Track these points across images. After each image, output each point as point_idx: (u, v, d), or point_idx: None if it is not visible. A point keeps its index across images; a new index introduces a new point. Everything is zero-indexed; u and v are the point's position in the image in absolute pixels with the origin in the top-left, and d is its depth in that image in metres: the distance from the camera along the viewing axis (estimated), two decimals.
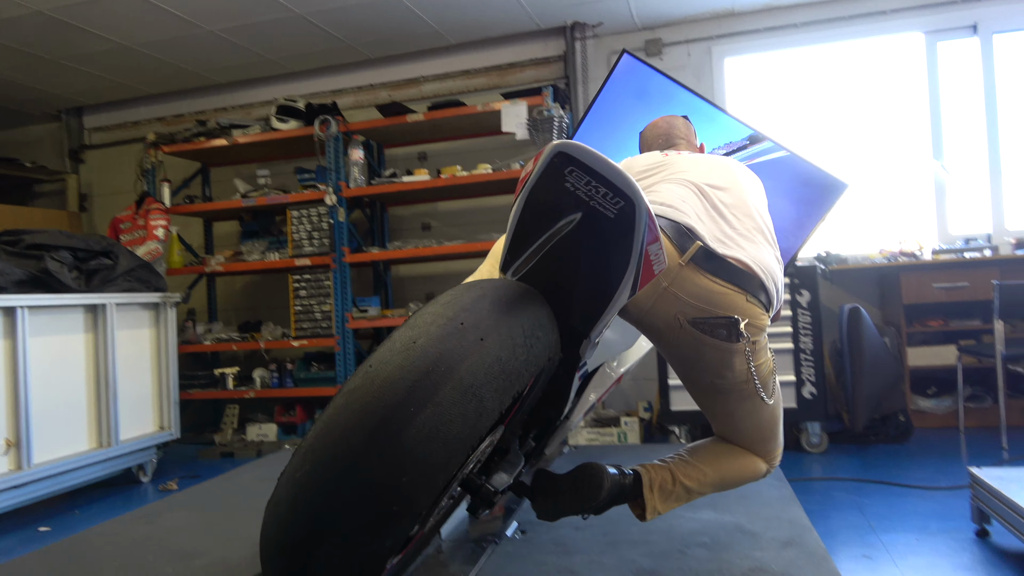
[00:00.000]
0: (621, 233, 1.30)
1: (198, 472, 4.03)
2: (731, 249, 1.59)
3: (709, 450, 1.78)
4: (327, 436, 1.06)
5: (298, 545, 1.04)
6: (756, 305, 1.58)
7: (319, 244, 4.67)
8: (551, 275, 1.38)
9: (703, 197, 1.71)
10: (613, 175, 1.27)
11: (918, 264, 4.15)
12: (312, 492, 1.03)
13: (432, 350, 1.10)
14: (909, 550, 2.31)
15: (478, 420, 1.10)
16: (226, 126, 4.94)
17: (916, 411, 4.14)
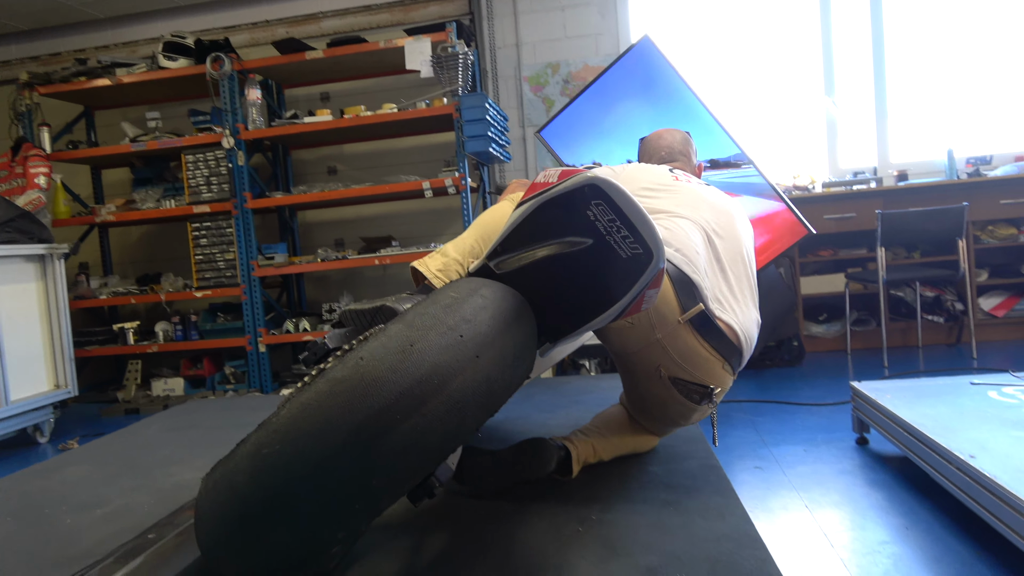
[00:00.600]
0: (627, 274, 1.29)
1: (101, 430, 3.88)
2: (725, 312, 1.64)
3: (620, 425, 1.90)
4: (304, 422, 1.03)
5: (250, 520, 1.04)
6: (729, 374, 1.66)
7: (218, 190, 4.47)
8: (539, 283, 1.37)
9: (710, 246, 1.73)
10: (641, 223, 1.25)
11: (810, 197, 4.35)
12: (278, 473, 1.02)
13: (428, 359, 1.08)
14: (796, 460, 2.49)
15: (456, 436, 1.11)
16: (108, 65, 4.61)
17: (808, 336, 4.41)
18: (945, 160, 4.42)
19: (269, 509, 1.03)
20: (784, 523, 2.01)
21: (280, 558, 1.08)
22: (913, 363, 3.93)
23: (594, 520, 1.58)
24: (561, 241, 1.32)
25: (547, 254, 1.34)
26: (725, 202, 1.91)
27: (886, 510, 2.03)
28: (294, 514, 1.03)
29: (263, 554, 1.07)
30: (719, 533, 1.45)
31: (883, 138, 4.73)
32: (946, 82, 4.68)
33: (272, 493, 1.02)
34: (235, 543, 1.07)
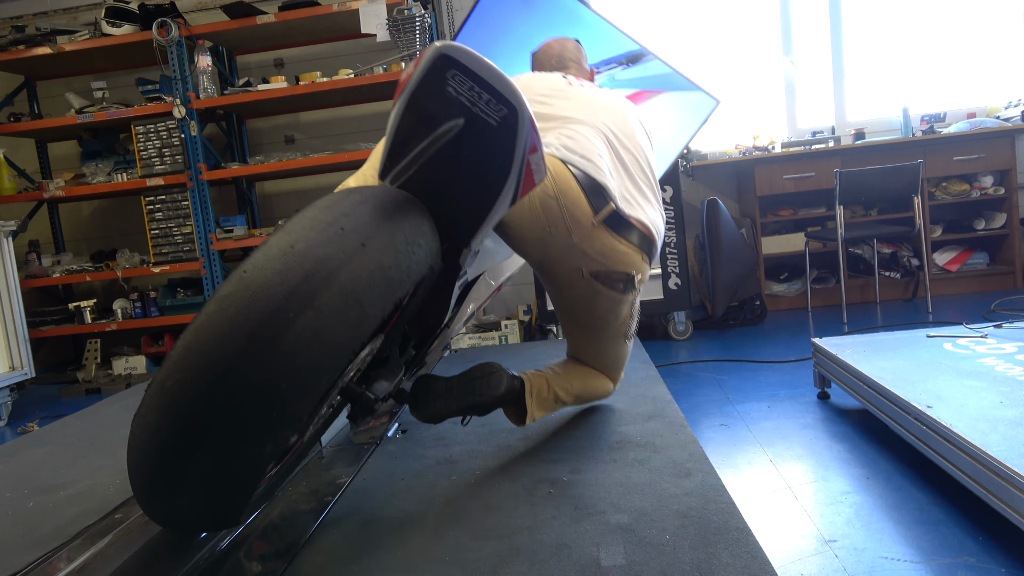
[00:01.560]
0: (503, 141, 1.29)
1: (62, 411, 3.79)
2: (635, 210, 1.72)
3: (574, 367, 1.97)
4: (199, 343, 1.02)
5: (170, 453, 1.02)
6: (647, 262, 1.76)
7: (172, 162, 4.34)
8: (432, 183, 1.36)
9: (611, 149, 1.79)
10: (497, 81, 1.24)
11: (770, 157, 4.39)
12: (185, 399, 1.00)
13: (312, 254, 1.07)
14: (760, 416, 2.54)
15: (359, 327, 1.10)
16: (48, 32, 4.41)
17: (770, 295, 4.49)
18: (901, 118, 4.49)
19: (183, 436, 1.01)
20: (750, 477, 2.06)
21: (215, 487, 1.06)
22: (871, 318, 4.03)
23: (565, 481, 1.60)
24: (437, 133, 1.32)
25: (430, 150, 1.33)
26: (620, 104, 1.97)
27: (847, 461, 2.10)
28: (209, 436, 1.01)
29: (195, 488, 1.05)
30: (687, 489, 1.48)
31: (840, 97, 4.78)
32: (901, 40, 4.73)
33: (182, 420, 1.01)
34: (165, 483, 1.05)
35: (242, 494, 1.10)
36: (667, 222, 3.83)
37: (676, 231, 3.84)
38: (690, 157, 4.36)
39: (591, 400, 2.04)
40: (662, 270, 3.83)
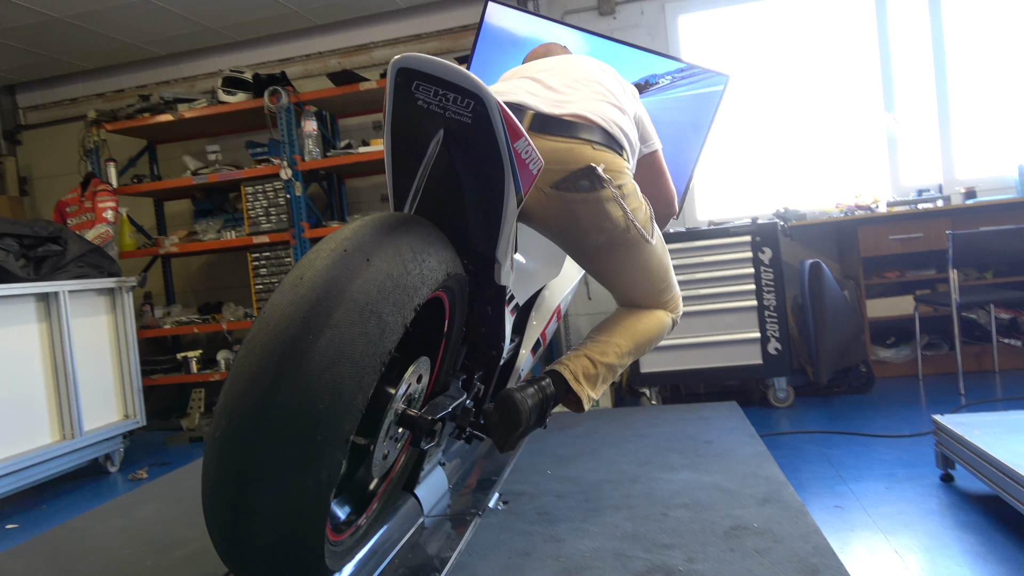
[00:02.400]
0: (484, 136, 1.31)
1: (168, 459, 3.96)
2: (565, 108, 1.67)
3: (614, 321, 1.86)
4: (235, 387, 1.06)
5: (234, 503, 1.05)
6: (605, 151, 1.65)
7: (277, 220, 4.55)
8: (439, 203, 1.40)
9: (537, 82, 1.78)
10: (454, 76, 1.27)
11: (874, 217, 4.23)
12: (232, 445, 1.04)
13: (319, 279, 1.11)
14: (879, 498, 2.39)
15: (381, 336, 1.12)
16: (171, 100, 4.75)
17: (877, 361, 4.27)
18: (1016, 176, 4.25)
19: (241, 482, 1.03)
20: (874, 570, 1.92)
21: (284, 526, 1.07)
22: (990, 389, 3.77)
23: (681, 571, 1.53)
24: (427, 154, 1.35)
25: (427, 173, 1.37)
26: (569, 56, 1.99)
27: (982, 556, 1.93)
28: (264, 475, 1.03)
29: (267, 530, 1.06)
30: None
31: (948, 153, 4.58)
32: (1013, 93, 4.51)
33: (236, 464, 1.04)
34: (237, 534, 1.07)
35: (314, 528, 1.11)
36: (767, 285, 3.72)
37: (775, 293, 3.72)
38: (788, 216, 4.26)
39: (651, 344, 1.88)
40: (760, 333, 3.71)
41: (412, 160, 1.38)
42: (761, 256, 3.75)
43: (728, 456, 2.30)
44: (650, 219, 1.76)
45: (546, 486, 2.19)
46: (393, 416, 1.34)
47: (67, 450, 3.42)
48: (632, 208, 1.68)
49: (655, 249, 1.78)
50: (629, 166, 1.73)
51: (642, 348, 1.85)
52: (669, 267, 1.85)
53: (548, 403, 1.69)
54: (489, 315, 1.64)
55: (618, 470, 2.26)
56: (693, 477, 2.12)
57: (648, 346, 1.87)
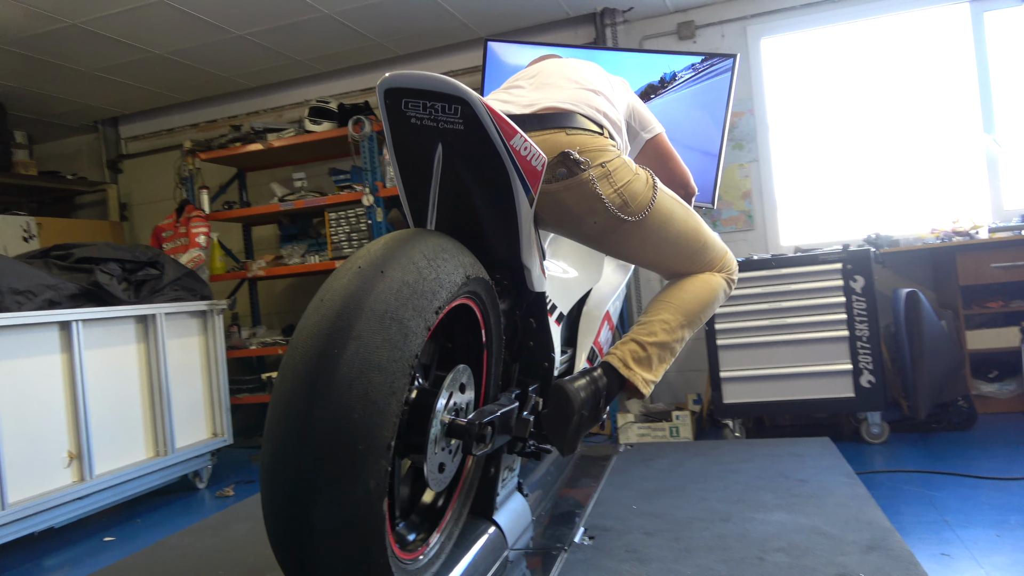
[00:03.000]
0: (480, 140, 1.32)
1: (252, 477, 4.06)
2: (536, 104, 1.67)
3: (658, 298, 1.80)
4: (274, 413, 1.11)
5: (291, 527, 1.08)
6: (580, 134, 1.63)
7: (359, 245, 4.66)
8: (455, 217, 1.44)
9: (515, 89, 1.80)
10: (435, 84, 1.30)
11: (973, 244, 4.01)
12: (280, 469, 1.08)
13: (338, 298, 1.16)
14: (990, 547, 2.23)
15: (405, 340, 1.15)
16: (260, 130, 4.95)
17: (978, 396, 4.02)
18: None
19: (293, 504, 1.07)
20: None
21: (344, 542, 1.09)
22: None
23: None
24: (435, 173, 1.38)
25: (439, 190, 1.40)
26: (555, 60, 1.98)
27: None
28: (313, 493, 1.06)
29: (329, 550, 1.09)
30: None
31: None
32: None
33: (285, 490, 1.07)
34: (299, 556, 1.10)
35: (374, 542, 1.13)
36: (859, 314, 3.57)
37: (868, 323, 3.56)
38: (880, 243, 4.08)
39: (705, 310, 1.78)
40: (852, 365, 3.55)
41: (422, 179, 1.42)
42: (853, 284, 3.60)
43: (825, 497, 2.19)
44: (651, 187, 1.69)
45: (632, 522, 2.14)
46: (440, 427, 1.36)
47: (160, 466, 3.56)
48: (626, 181, 1.63)
49: (670, 214, 1.71)
50: (613, 143, 1.69)
51: (695, 317, 1.75)
52: (698, 227, 1.77)
53: (601, 394, 1.66)
54: (534, 327, 1.67)
55: (708, 508, 2.19)
56: (789, 519, 2.03)
57: (703, 313, 1.77)
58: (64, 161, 6.23)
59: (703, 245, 1.78)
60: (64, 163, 6.19)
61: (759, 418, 4.03)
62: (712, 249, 1.80)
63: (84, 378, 3.17)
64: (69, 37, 4.35)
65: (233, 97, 5.75)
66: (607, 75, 1.93)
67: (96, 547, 3.04)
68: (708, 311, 1.79)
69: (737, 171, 4.65)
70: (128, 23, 4.24)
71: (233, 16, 4.29)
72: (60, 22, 4.13)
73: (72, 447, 3.13)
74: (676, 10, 4.76)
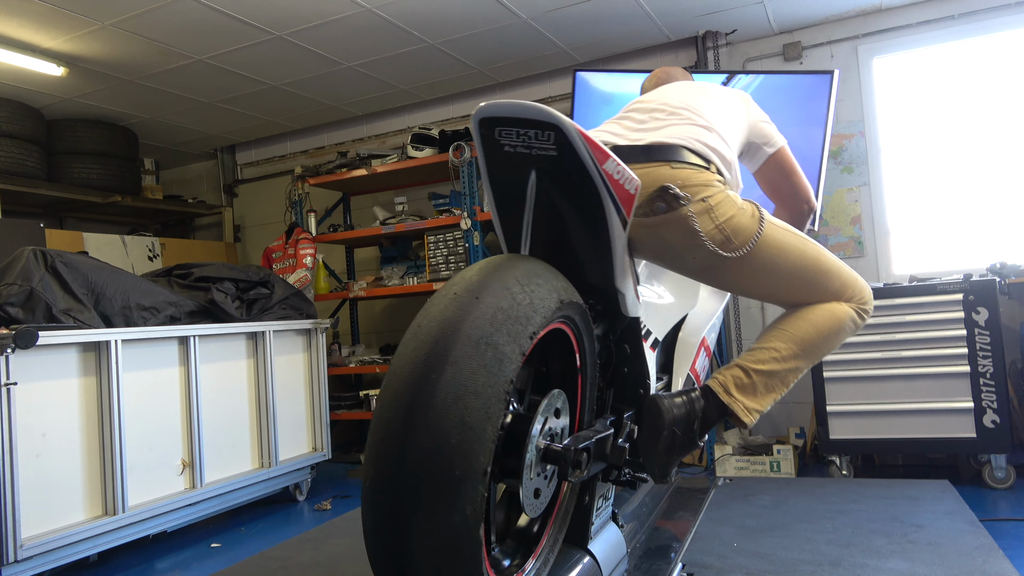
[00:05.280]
0: (573, 165, 1.32)
1: (349, 491, 4.17)
2: (644, 138, 1.64)
3: (774, 326, 1.70)
4: (375, 436, 1.14)
5: (390, 549, 1.10)
6: (685, 168, 1.59)
7: (456, 268, 4.74)
8: (550, 242, 1.44)
9: (625, 119, 1.76)
10: (528, 112, 1.31)
11: None
12: (380, 491, 1.10)
13: (434, 324, 1.18)
14: None
15: (500, 366, 1.16)
16: (365, 156, 5.14)
17: None
18: None
19: (395, 526, 1.08)
20: None
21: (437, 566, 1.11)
22: None
23: None
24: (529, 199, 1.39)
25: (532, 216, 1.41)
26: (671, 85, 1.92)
27: None
28: (411, 516, 1.07)
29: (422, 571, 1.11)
30: None
31: None
32: None
33: (386, 512, 1.09)
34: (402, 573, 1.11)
35: (471, 568, 1.15)
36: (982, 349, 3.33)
37: (992, 359, 3.31)
38: (1006, 272, 3.80)
39: (827, 343, 1.65)
40: (974, 404, 3.31)
41: (516, 206, 1.44)
42: (975, 317, 3.36)
43: (946, 545, 2.04)
44: (757, 220, 1.60)
45: (733, 560, 2.05)
46: (535, 452, 1.36)
47: (264, 477, 3.71)
48: (726, 216, 1.56)
49: (780, 246, 1.61)
50: (720, 178, 1.63)
51: (813, 347, 1.64)
52: (818, 256, 1.66)
53: (696, 415, 1.61)
54: (628, 352, 1.65)
55: (815, 550, 2.07)
56: (906, 568, 1.90)
57: (824, 344, 1.65)
58: (186, 186, 6.68)
59: (824, 273, 1.67)
60: (186, 188, 6.64)
61: (868, 456, 3.81)
62: (837, 276, 1.68)
63: (199, 390, 3.35)
64: (195, 72, 4.68)
65: (340, 125, 6.02)
66: (725, 96, 1.86)
67: (203, 552, 3.19)
68: (831, 342, 1.67)
69: (846, 195, 4.46)
70: (247, 57, 4.52)
71: (343, 49, 4.50)
72: (188, 58, 4.45)
73: (186, 456, 3.31)
74: (782, 31, 4.64)
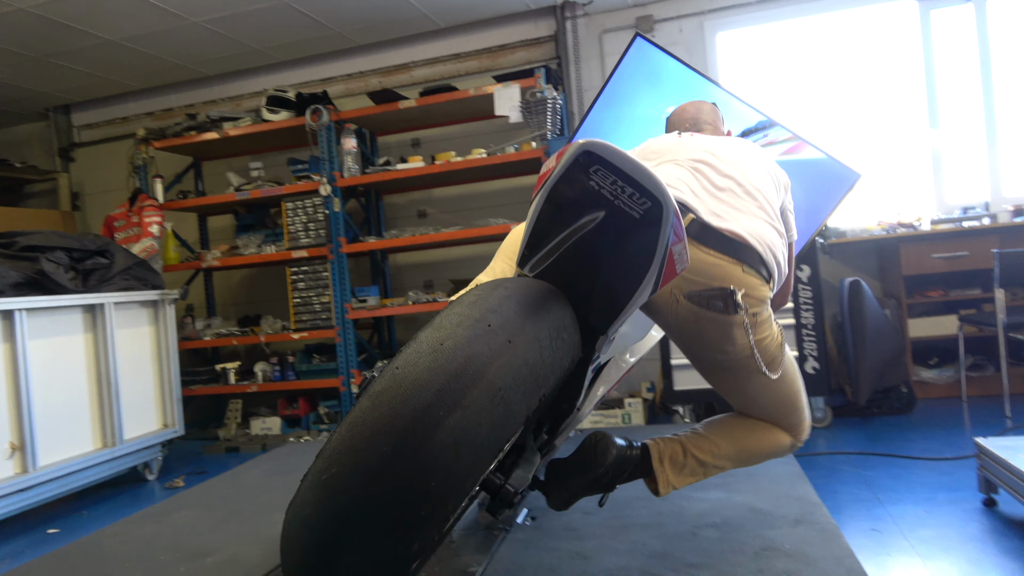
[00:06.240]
0: (646, 233, 1.28)
1: (204, 468, 4.03)
2: (726, 222, 1.59)
3: (726, 424, 1.77)
4: (354, 439, 1.04)
5: (323, 548, 1.04)
6: (754, 276, 1.57)
7: (315, 235, 4.64)
8: (571, 273, 1.37)
9: (699, 175, 1.70)
10: (641, 176, 1.25)
11: (917, 235, 4.14)
12: (339, 496, 1.02)
13: (460, 352, 1.08)
14: (918, 522, 2.32)
15: (505, 424, 1.10)
16: (216, 119, 4.89)
17: (918, 382, 4.15)
18: None
19: (338, 532, 1.02)
20: None
21: None
22: None
23: None
24: (577, 224, 1.31)
25: (570, 240, 1.33)
26: (732, 141, 1.85)
27: None
28: (362, 532, 1.02)
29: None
30: None
31: (995, 171, 4.46)
32: None
33: (338, 516, 1.02)
34: (317, 571, 1.06)
35: None
36: (804, 303, 3.66)
37: (814, 312, 3.65)
38: (827, 234, 4.18)
39: (759, 459, 1.78)
40: (798, 352, 3.65)
41: (557, 223, 1.36)
42: (799, 274, 3.68)
43: (761, 476, 2.26)
44: (781, 347, 1.67)
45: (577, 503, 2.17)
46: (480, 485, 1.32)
47: (107, 457, 3.51)
48: (760, 337, 1.60)
49: (782, 378, 1.68)
50: (771, 294, 1.65)
51: (745, 459, 1.75)
52: (798, 394, 1.75)
53: (626, 467, 1.65)
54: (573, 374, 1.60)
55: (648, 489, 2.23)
56: (724, 496, 2.09)
57: (753, 460, 1.77)
58: (13, 149, 6.08)
59: (795, 408, 1.76)
60: (13, 151, 6.05)
61: (709, 404, 4.11)
62: (800, 412, 1.78)
63: (28, 368, 3.11)
64: (18, 22, 4.25)
65: (189, 85, 5.67)
66: (776, 176, 1.85)
67: (39, 539, 2.99)
68: (759, 460, 1.78)
69: None
70: (80, 8, 4.15)
71: (188, 3, 4.22)
72: (7, 6, 4.04)
73: (14, 438, 3.07)
74: (635, 4, 4.81)
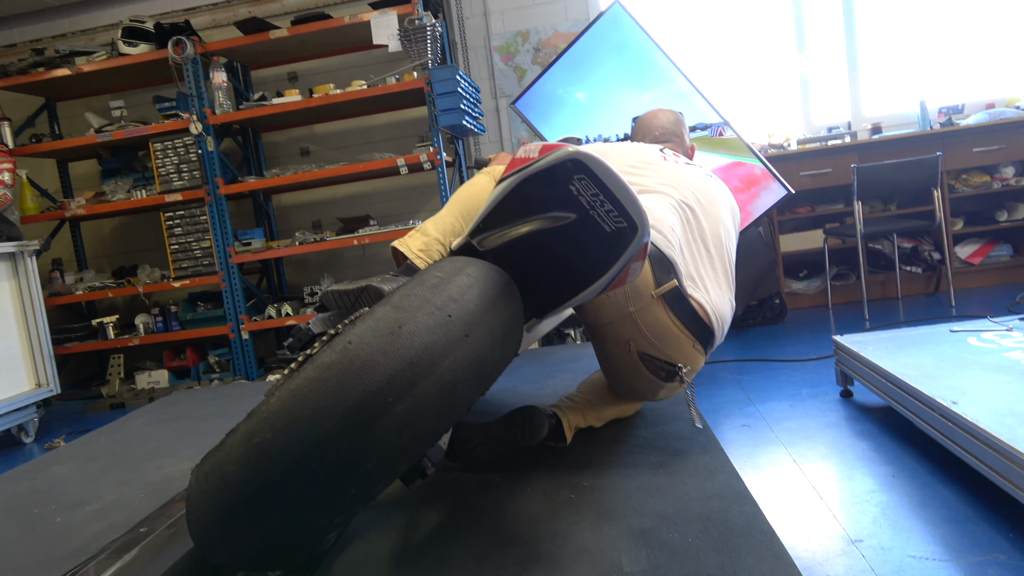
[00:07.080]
0: (612, 247, 1.29)
1: (87, 427, 3.84)
2: (698, 291, 1.63)
3: (604, 391, 1.90)
4: (295, 408, 1.02)
5: (243, 509, 1.03)
6: (700, 353, 1.65)
7: (190, 177, 4.40)
8: (522, 259, 1.36)
9: (686, 224, 1.72)
10: (626, 197, 1.24)
11: (786, 155, 4.36)
12: (270, 461, 1.00)
13: (418, 340, 1.07)
14: (783, 415, 2.52)
15: (449, 416, 1.11)
16: (67, 54, 4.49)
17: (790, 293, 4.45)
18: (918, 111, 4.44)
19: (262, 497, 1.02)
20: (773, 478, 2.03)
21: (275, 544, 1.08)
22: (893, 314, 3.98)
23: (585, 487, 1.59)
24: (544, 216, 1.31)
25: (530, 230, 1.32)
26: (709, 184, 1.89)
27: (872, 460, 2.07)
28: (288, 501, 1.02)
29: (257, 541, 1.07)
30: (709, 492, 1.47)
31: (856, 92, 4.74)
32: (917, 33, 4.67)
33: (265, 481, 1.01)
34: (229, 532, 1.06)
35: (298, 554, 1.13)
36: None
37: None
38: None
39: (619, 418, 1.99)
40: None
41: (521, 211, 1.34)
42: None
43: None
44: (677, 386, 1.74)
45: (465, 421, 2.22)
46: None
47: None
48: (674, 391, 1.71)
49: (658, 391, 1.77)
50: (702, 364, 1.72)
51: (615, 418, 1.93)
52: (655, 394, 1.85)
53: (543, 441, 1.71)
54: None
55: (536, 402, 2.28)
56: None
57: (618, 417, 1.95)
58: None
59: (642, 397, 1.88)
60: None
61: None
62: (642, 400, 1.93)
63: None
64: None
65: (34, 18, 5.17)
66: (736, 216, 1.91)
67: None
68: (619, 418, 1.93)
69: None
70: None
71: None
72: None
73: None
74: None
